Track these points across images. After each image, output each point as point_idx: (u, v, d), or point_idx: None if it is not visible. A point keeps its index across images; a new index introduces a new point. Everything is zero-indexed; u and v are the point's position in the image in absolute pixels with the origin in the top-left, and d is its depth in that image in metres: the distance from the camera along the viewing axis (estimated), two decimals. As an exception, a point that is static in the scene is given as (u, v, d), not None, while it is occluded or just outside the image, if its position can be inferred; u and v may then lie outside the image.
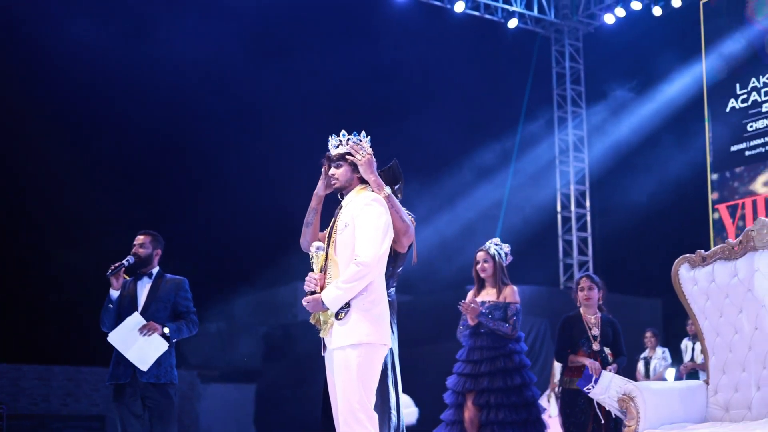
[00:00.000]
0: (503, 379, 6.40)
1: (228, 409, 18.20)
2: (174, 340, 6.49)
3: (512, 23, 15.42)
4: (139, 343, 6.29)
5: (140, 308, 6.47)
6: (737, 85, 13.59)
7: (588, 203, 16.15)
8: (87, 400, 16.38)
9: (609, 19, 15.23)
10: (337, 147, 5.00)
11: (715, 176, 13.71)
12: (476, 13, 15.26)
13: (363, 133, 5.05)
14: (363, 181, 4.97)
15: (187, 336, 6.55)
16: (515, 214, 15.52)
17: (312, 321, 4.91)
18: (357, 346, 4.64)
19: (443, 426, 6.66)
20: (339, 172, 4.96)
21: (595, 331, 6.66)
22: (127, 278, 6.61)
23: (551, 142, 16.17)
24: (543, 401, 11.98)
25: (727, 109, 13.59)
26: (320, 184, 5.14)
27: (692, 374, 10.20)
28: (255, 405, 18.36)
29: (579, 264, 15.82)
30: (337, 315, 4.69)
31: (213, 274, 17.27)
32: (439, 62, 15.41)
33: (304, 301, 4.80)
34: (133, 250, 6.58)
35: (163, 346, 6.34)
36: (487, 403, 6.40)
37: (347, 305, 4.67)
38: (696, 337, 10.96)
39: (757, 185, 13.44)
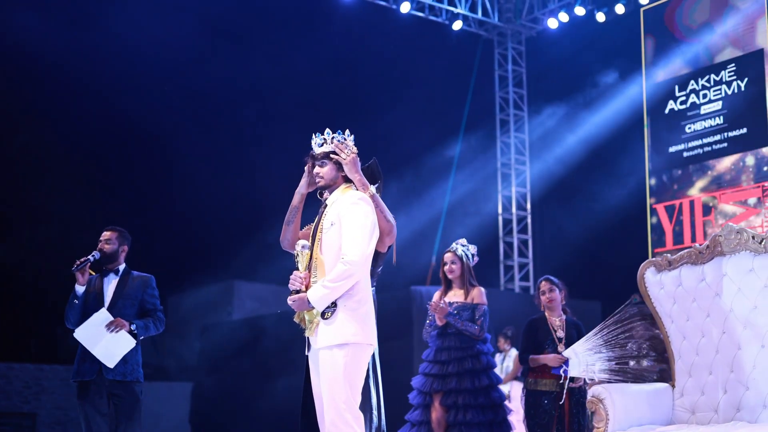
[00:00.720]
0: (471, 379, 6.40)
1: (164, 408, 17.93)
2: (141, 338, 6.36)
3: (457, 25, 15.47)
4: (106, 340, 6.17)
5: (107, 305, 6.35)
6: (676, 87, 13.89)
7: (529, 206, 16.30)
8: (18, 398, 16.01)
9: (552, 23, 15.37)
10: (321, 146, 4.99)
11: (653, 177, 13.99)
12: (421, 14, 15.30)
13: (347, 131, 5.03)
14: (347, 180, 4.96)
15: (154, 333, 6.44)
16: (456, 217, 15.57)
17: (296, 320, 4.86)
18: (344, 346, 4.61)
19: (409, 426, 6.63)
20: (323, 171, 4.94)
21: (561, 333, 6.71)
22: (93, 274, 6.47)
23: (493, 145, 16.28)
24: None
25: (666, 111, 13.89)
26: (303, 182, 5.09)
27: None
28: (191, 404, 18.13)
29: (519, 266, 15.96)
30: (323, 314, 4.66)
31: (151, 271, 16.99)
32: (383, 63, 15.39)
33: (290, 300, 4.75)
34: (99, 245, 6.45)
35: (130, 343, 6.22)
36: (454, 404, 6.39)
37: (333, 305, 4.65)
38: (638, 339, 11.14)
39: (695, 186, 13.74)
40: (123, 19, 13.21)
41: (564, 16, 15.10)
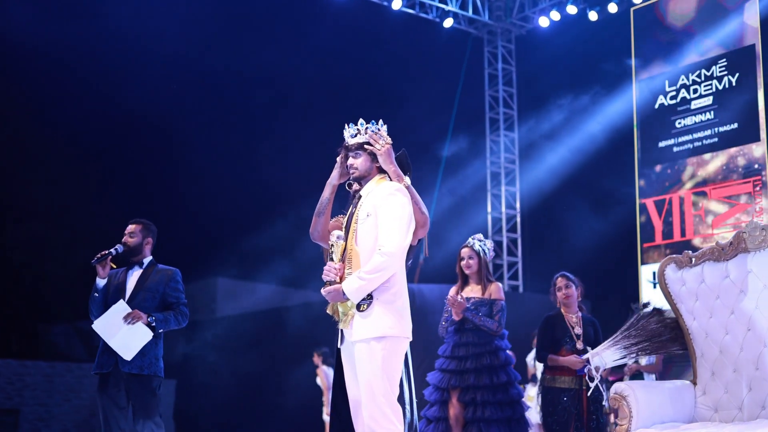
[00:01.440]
0: (489, 376, 6.33)
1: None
2: (160, 331, 6.24)
3: (447, 23, 15.40)
4: (123, 332, 6.06)
5: (127, 297, 6.26)
6: (666, 82, 13.95)
7: (518, 205, 16.27)
8: (1, 394, 15.79)
9: (543, 22, 15.35)
10: (355, 136, 4.92)
11: (643, 173, 14.03)
12: (412, 11, 15.22)
13: (380, 121, 4.95)
14: (381, 171, 4.88)
15: (175, 327, 6.32)
16: (445, 215, 15.52)
17: (329, 311, 4.79)
18: (381, 339, 4.55)
19: (425, 422, 6.55)
20: (358, 162, 4.88)
21: (578, 330, 6.66)
22: (114, 267, 6.35)
23: (483, 144, 16.23)
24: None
25: (656, 106, 13.95)
26: (335, 173, 5.02)
27: (637, 375, 10.32)
28: (175, 401, 17.95)
29: (508, 265, 15.93)
30: (359, 307, 4.59)
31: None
32: (374, 59, 15.32)
33: (324, 291, 4.67)
34: (123, 238, 6.36)
35: (147, 335, 6.10)
36: (473, 400, 6.32)
37: (369, 297, 4.58)
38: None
39: (684, 182, 13.80)
40: (127, 8, 13.06)
41: (555, 15, 15.07)
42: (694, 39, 13.87)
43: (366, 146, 4.87)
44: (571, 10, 14.75)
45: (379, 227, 4.62)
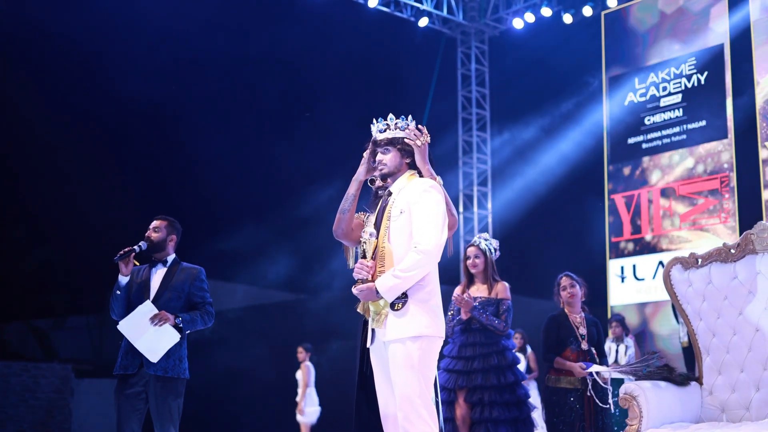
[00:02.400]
0: (497, 376, 6.29)
1: (105, 405, 17.45)
2: (187, 332, 6.11)
3: (423, 22, 15.42)
4: (149, 333, 5.89)
5: (152, 296, 6.04)
6: (636, 80, 14.13)
7: (489, 205, 16.30)
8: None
9: (518, 23, 15.41)
10: (384, 131, 4.82)
11: (611, 168, 14.18)
12: (387, 10, 15.19)
13: (410, 117, 4.89)
14: (410, 167, 4.80)
15: (201, 328, 6.16)
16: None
17: (360, 310, 4.70)
18: (417, 339, 4.46)
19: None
20: (387, 158, 4.78)
21: (583, 330, 6.65)
22: (137, 264, 6.18)
23: (455, 143, 16.25)
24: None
25: (626, 103, 14.13)
26: (361, 169, 4.93)
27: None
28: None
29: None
30: (393, 306, 4.49)
31: (86, 263, 16.61)
32: (350, 56, 15.24)
33: (356, 290, 4.57)
34: (146, 234, 6.15)
35: (174, 337, 5.95)
36: (480, 401, 6.27)
37: (404, 296, 4.48)
38: (619, 339, 11.18)
39: (653, 178, 13.96)
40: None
41: (530, 17, 15.15)
42: (663, 40, 14.09)
43: (395, 142, 4.77)
44: (546, 12, 14.82)
45: (413, 224, 4.53)
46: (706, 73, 13.59)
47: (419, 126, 4.84)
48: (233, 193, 15.11)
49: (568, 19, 14.69)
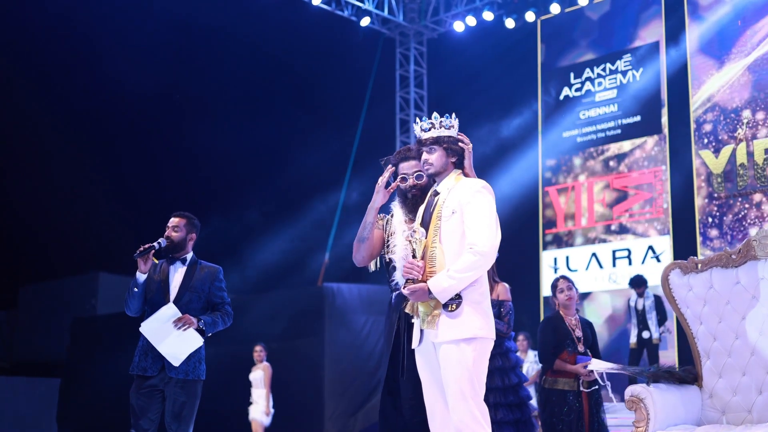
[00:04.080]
0: (501, 378, 6.29)
1: (28, 406, 16.92)
2: (209, 335, 5.93)
3: (364, 21, 15.38)
4: (172, 337, 5.74)
5: (173, 297, 5.92)
6: (571, 75, 14.43)
7: (426, 204, 16.32)
8: None
9: (459, 26, 15.49)
10: (428, 130, 4.74)
11: (547, 161, 14.43)
12: (328, 8, 15.09)
13: (453, 115, 4.83)
14: (456, 166, 4.74)
15: (221, 329, 6.01)
16: (353, 217, 15.43)
17: (408, 311, 4.62)
18: (472, 341, 4.44)
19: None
20: (433, 157, 4.74)
21: (578, 333, 6.69)
22: (156, 261, 5.99)
23: (392, 144, 16.23)
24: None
25: (561, 98, 14.42)
26: (378, 197, 4.91)
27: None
28: (59, 401, 17.12)
29: (416, 266, 15.96)
30: (447, 306, 4.43)
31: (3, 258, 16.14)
32: (292, 53, 15.09)
33: (407, 290, 4.49)
34: (167, 233, 6.01)
35: (198, 341, 5.82)
36: (485, 402, 6.24)
37: (458, 297, 4.44)
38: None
39: (587, 171, 14.27)
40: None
41: (471, 20, 15.25)
42: (600, 38, 14.47)
43: (441, 141, 4.73)
44: (488, 16, 14.94)
45: (466, 225, 4.50)
46: (641, 70, 13.98)
47: (453, 123, 4.77)
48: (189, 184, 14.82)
49: (510, 23, 14.83)
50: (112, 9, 13.28)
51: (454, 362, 4.41)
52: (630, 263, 13.80)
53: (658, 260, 13.56)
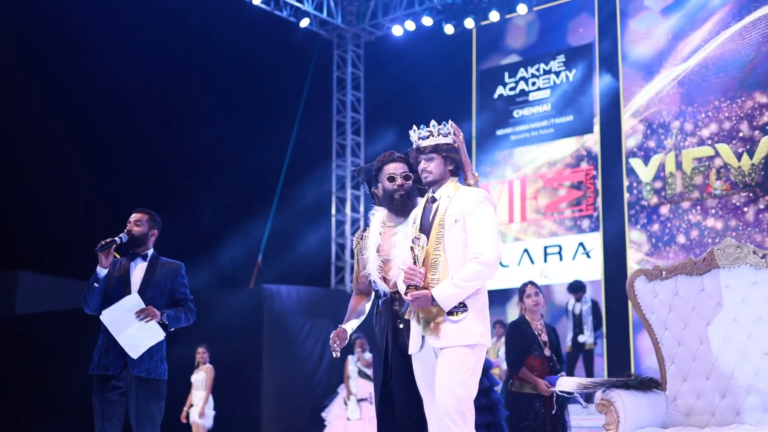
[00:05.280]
0: (473, 381, 6.34)
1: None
2: (171, 329, 5.85)
3: (304, 22, 15.38)
4: (133, 328, 5.65)
5: (134, 292, 5.82)
6: (506, 74, 14.72)
7: (362, 208, 16.40)
8: None
9: (397, 31, 15.59)
10: (427, 138, 4.78)
11: (480, 159, 14.67)
12: (267, 8, 15.05)
13: (450, 122, 4.90)
14: (453, 174, 4.82)
15: (184, 325, 5.95)
16: (287, 215, 15.41)
17: (408, 317, 4.67)
18: (473, 347, 4.52)
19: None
20: (432, 165, 4.79)
21: (544, 337, 6.83)
22: (118, 257, 5.88)
23: (329, 146, 16.24)
24: (337, 405, 12.01)
25: (495, 96, 14.70)
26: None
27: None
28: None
29: (351, 268, 16.01)
30: (452, 314, 4.50)
31: None
32: (226, 52, 14.98)
33: (410, 297, 4.54)
34: (128, 227, 5.92)
35: (159, 334, 5.73)
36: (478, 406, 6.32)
37: (463, 305, 4.51)
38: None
39: (520, 169, 14.56)
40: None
41: (410, 25, 15.35)
42: (534, 39, 14.79)
43: (440, 149, 4.78)
44: (427, 21, 15.07)
45: (469, 235, 4.57)
46: (574, 71, 14.32)
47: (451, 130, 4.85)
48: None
49: (449, 29, 14.99)
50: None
51: (453, 367, 4.49)
52: (561, 259, 14.11)
53: (589, 256, 13.91)
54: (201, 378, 11.24)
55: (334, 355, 5.17)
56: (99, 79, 13.95)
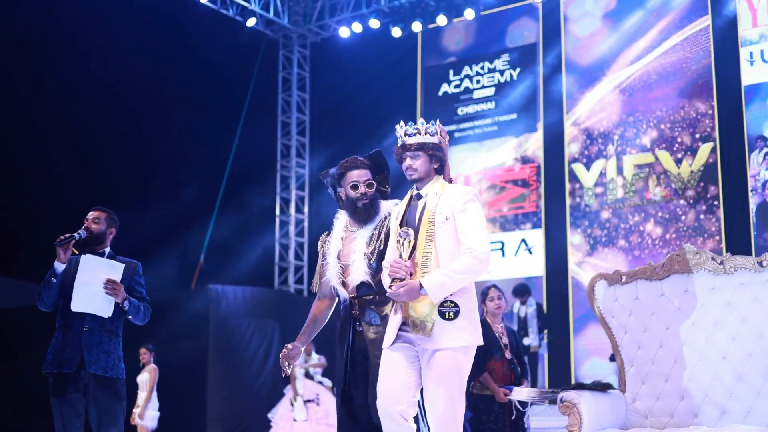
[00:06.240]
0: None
1: None
2: (129, 317, 5.81)
3: (251, 22, 15.31)
4: (94, 288, 5.62)
5: None
6: (450, 72, 14.89)
7: (306, 209, 16.38)
8: None
9: (344, 32, 15.62)
10: (414, 135, 4.77)
11: None
12: (214, 6, 14.97)
13: (437, 121, 4.90)
14: (437, 172, 4.82)
15: (141, 324, 5.88)
16: (232, 214, 15.32)
17: (398, 316, 4.63)
18: (467, 349, 4.56)
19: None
20: (418, 163, 4.76)
21: (505, 340, 6.91)
22: (77, 253, 5.80)
23: (273, 146, 16.20)
24: (283, 406, 12.02)
25: (440, 94, 14.86)
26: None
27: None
28: None
29: (295, 269, 15.99)
30: (445, 315, 4.49)
31: None
32: (173, 50, 14.81)
33: (395, 288, 4.50)
34: (86, 224, 5.85)
35: (107, 311, 5.67)
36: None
37: (456, 305, 4.50)
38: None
39: (464, 166, 14.73)
40: None
41: (357, 27, 15.39)
42: (479, 37, 14.98)
43: (426, 147, 4.75)
44: (374, 24, 15.13)
45: (461, 231, 4.57)
46: (518, 69, 14.54)
47: (437, 129, 4.84)
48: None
49: (396, 32, 15.06)
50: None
51: (449, 369, 4.50)
52: (503, 255, 14.30)
53: (530, 252, 14.11)
54: (145, 378, 11.12)
55: (283, 374, 5.18)
56: (42, 76, 13.70)
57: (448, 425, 4.50)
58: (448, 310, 4.50)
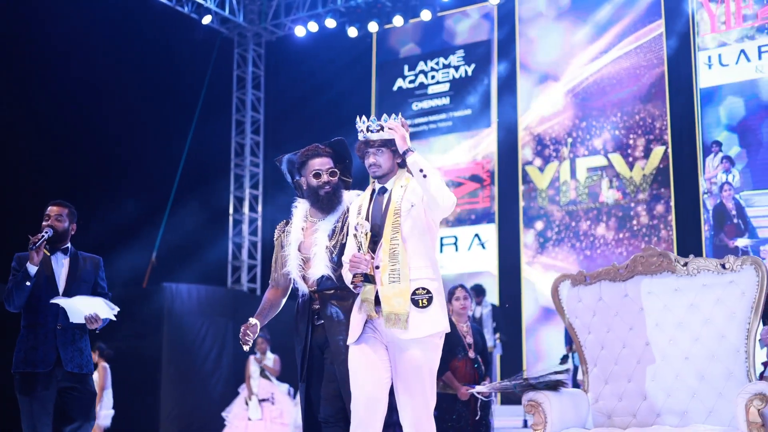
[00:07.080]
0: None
1: None
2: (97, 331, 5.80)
3: (206, 19, 15.22)
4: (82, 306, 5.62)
5: (62, 289, 5.75)
6: (405, 67, 14.96)
7: (260, 208, 16.32)
8: None
9: (300, 31, 15.58)
10: (377, 131, 4.72)
11: None
12: (169, 3, 14.84)
13: (399, 114, 4.86)
14: (401, 166, 4.81)
15: (104, 324, 5.82)
16: (185, 212, 15.20)
17: (367, 311, 4.61)
18: (441, 335, 4.59)
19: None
20: (381, 159, 4.75)
21: (470, 339, 6.95)
22: (48, 254, 5.73)
23: (227, 145, 16.11)
24: (238, 405, 11.97)
25: (394, 89, 14.93)
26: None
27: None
28: None
29: (248, 267, 15.92)
30: (418, 303, 4.48)
31: None
32: (127, 46, 14.63)
33: (351, 263, 4.54)
34: (49, 222, 5.78)
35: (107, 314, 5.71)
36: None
37: (428, 292, 4.50)
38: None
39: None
40: None
41: (314, 26, 15.37)
42: (434, 34, 15.08)
43: (390, 143, 4.72)
44: (330, 23, 15.12)
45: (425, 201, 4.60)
46: (473, 65, 14.65)
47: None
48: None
49: (353, 32, 15.07)
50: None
51: (424, 358, 4.52)
52: (456, 249, 14.38)
53: (484, 247, 14.21)
54: (95, 378, 10.99)
55: (245, 348, 5.08)
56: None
57: (419, 415, 4.55)
58: (421, 297, 4.49)
